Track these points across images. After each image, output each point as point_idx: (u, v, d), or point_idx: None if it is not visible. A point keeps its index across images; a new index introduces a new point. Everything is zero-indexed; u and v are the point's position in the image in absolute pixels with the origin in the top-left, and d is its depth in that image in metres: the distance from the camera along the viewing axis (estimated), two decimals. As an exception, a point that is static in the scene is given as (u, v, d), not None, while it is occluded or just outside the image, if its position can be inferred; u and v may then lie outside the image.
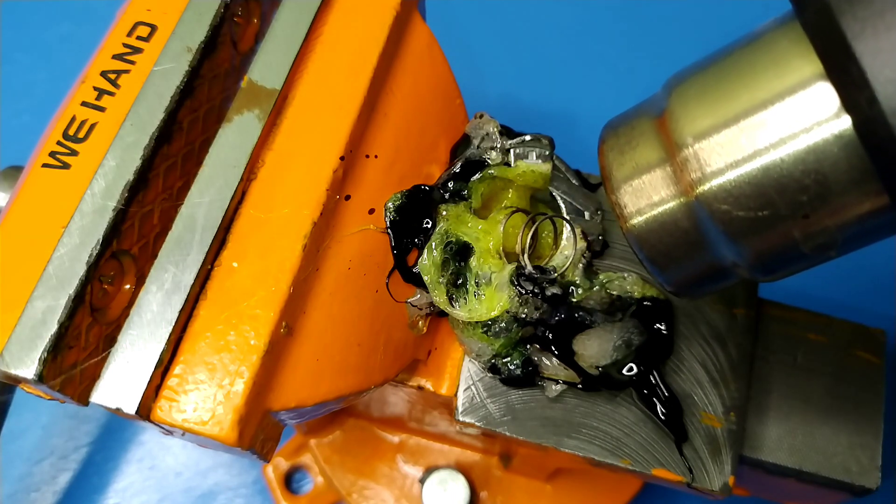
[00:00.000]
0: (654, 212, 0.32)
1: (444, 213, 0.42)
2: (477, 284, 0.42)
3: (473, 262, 0.42)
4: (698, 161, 0.29)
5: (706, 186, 0.29)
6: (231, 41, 0.39)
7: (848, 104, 0.26)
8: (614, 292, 0.44)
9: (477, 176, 0.44)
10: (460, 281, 0.42)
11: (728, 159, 0.29)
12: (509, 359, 0.43)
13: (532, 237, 0.44)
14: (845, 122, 0.26)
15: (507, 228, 0.43)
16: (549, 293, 0.42)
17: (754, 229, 0.29)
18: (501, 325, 0.42)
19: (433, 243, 0.41)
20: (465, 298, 0.42)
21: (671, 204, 0.31)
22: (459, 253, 0.42)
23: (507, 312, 0.42)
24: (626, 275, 0.45)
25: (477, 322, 0.42)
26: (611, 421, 0.43)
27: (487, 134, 0.44)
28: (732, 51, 0.31)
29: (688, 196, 0.30)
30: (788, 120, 0.27)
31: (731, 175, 0.29)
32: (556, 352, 0.43)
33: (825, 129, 0.27)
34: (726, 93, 0.29)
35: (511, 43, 0.81)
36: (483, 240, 0.42)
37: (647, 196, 0.32)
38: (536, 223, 0.43)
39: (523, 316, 0.42)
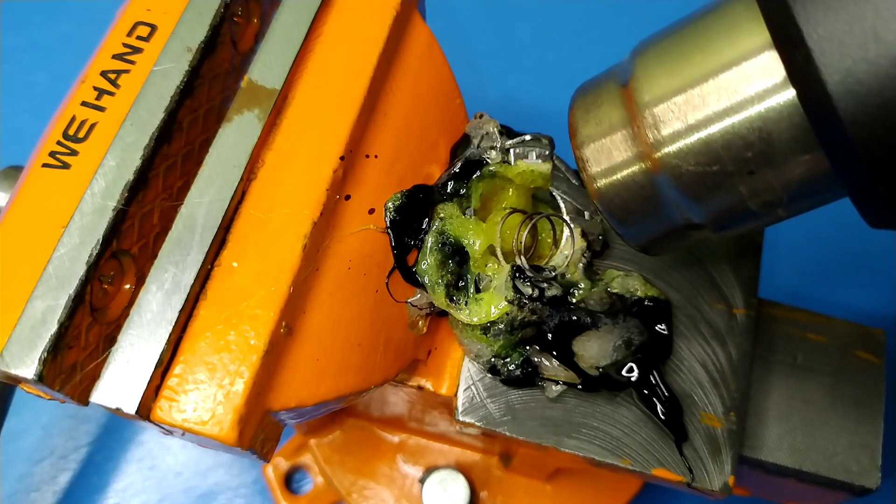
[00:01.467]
0: (616, 170, 0.34)
1: (441, 214, 0.42)
2: (476, 286, 0.42)
3: (472, 263, 0.42)
4: (656, 123, 0.31)
5: (663, 148, 0.31)
6: (231, 41, 0.39)
7: (793, 76, 0.28)
8: (615, 291, 0.44)
9: (476, 175, 0.44)
10: (460, 283, 0.42)
11: (683, 122, 0.31)
12: (509, 360, 0.43)
13: (532, 237, 0.44)
14: (790, 93, 0.28)
15: (505, 229, 0.43)
16: (549, 294, 0.42)
17: (705, 185, 0.31)
18: (500, 326, 0.42)
19: (429, 241, 0.41)
20: (464, 301, 0.42)
21: (631, 163, 0.33)
22: (457, 253, 0.42)
23: (507, 315, 0.42)
24: (626, 274, 0.45)
25: (476, 324, 0.42)
26: (611, 421, 0.43)
27: (487, 134, 0.44)
28: (694, 18, 0.32)
29: (646, 156, 0.32)
30: (738, 87, 0.29)
31: (685, 136, 0.31)
32: (555, 353, 0.43)
33: (772, 98, 0.29)
34: (683, 59, 0.31)
35: (511, 43, 0.81)
36: (482, 240, 0.42)
37: (609, 155, 0.34)
38: (533, 221, 0.43)
39: (522, 318, 0.42)
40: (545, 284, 0.42)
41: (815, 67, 0.26)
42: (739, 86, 0.29)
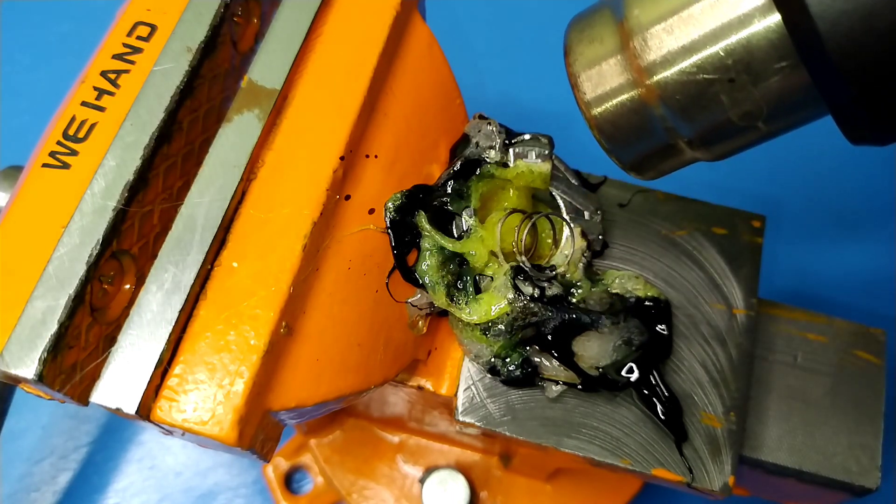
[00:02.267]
0: (610, 95, 0.35)
1: (427, 245, 0.42)
2: (476, 286, 0.42)
3: (472, 265, 0.42)
4: (647, 47, 0.33)
5: (654, 69, 0.33)
6: (231, 41, 0.39)
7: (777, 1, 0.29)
8: (615, 291, 0.44)
9: (476, 175, 0.44)
10: (459, 283, 0.42)
11: (673, 44, 0.32)
12: (508, 360, 0.43)
13: (532, 237, 0.44)
14: (774, 16, 0.30)
15: (505, 229, 0.43)
16: (549, 293, 0.42)
17: (688, 93, 0.32)
18: (500, 327, 0.42)
19: (428, 244, 0.41)
20: (464, 301, 0.42)
21: (624, 87, 0.35)
22: (457, 255, 0.42)
23: (507, 315, 0.42)
24: (626, 274, 0.45)
25: (475, 323, 0.42)
26: (611, 421, 0.43)
27: (487, 133, 0.44)
28: None
29: (639, 80, 0.34)
30: (724, 9, 0.31)
31: (676, 57, 0.32)
32: (555, 353, 0.43)
33: (756, 18, 0.30)
34: None
35: (511, 43, 0.81)
36: (480, 250, 0.42)
37: (603, 81, 0.35)
38: (532, 221, 0.43)
39: (522, 318, 0.42)
40: (545, 284, 0.42)
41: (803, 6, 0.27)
42: (726, 7, 0.31)
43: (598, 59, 0.35)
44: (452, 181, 0.43)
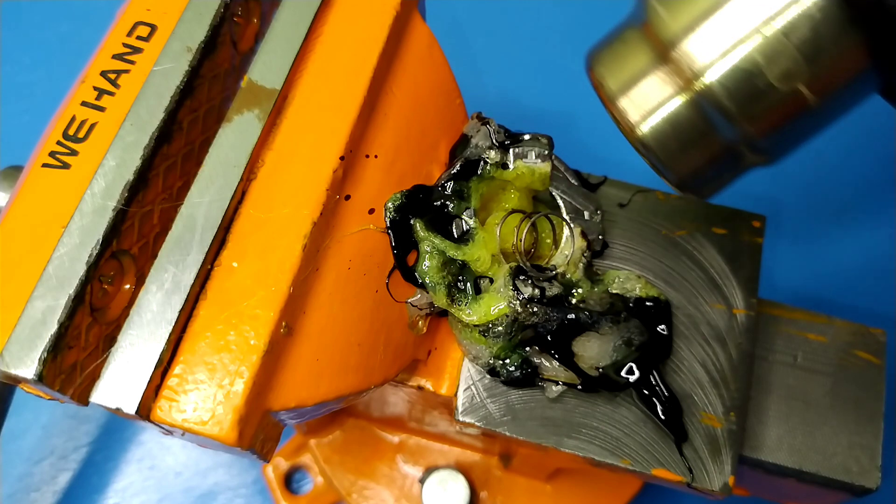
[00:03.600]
0: (658, 112, 0.33)
1: (427, 247, 0.42)
2: (477, 287, 0.42)
3: (471, 267, 0.42)
4: (692, 54, 0.31)
5: (704, 74, 0.31)
6: (231, 41, 0.39)
7: None
8: (615, 291, 0.44)
9: (476, 176, 0.44)
10: (460, 284, 0.42)
11: (719, 45, 0.31)
12: (508, 361, 0.43)
13: (532, 238, 0.44)
14: None
15: (505, 229, 0.43)
16: (549, 293, 0.42)
17: (743, 88, 0.31)
18: (499, 328, 0.42)
19: (426, 247, 0.41)
20: (464, 302, 0.42)
21: (673, 101, 0.33)
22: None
23: (506, 316, 0.42)
24: (627, 273, 0.45)
25: (475, 325, 0.42)
26: (611, 421, 0.43)
27: (486, 134, 0.44)
28: None
29: (687, 89, 0.32)
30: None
31: (724, 57, 0.31)
32: (555, 354, 0.43)
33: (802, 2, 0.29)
34: None
35: (511, 43, 0.81)
36: (482, 254, 0.42)
37: (648, 100, 0.33)
38: (532, 220, 0.43)
39: (522, 319, 0.42)
40: (545, 284, 0.42)
41: None
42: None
43: (637, 79, 0.34)
44: (452, 182, 0.43)
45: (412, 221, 0.41)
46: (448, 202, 0.43)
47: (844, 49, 0.29)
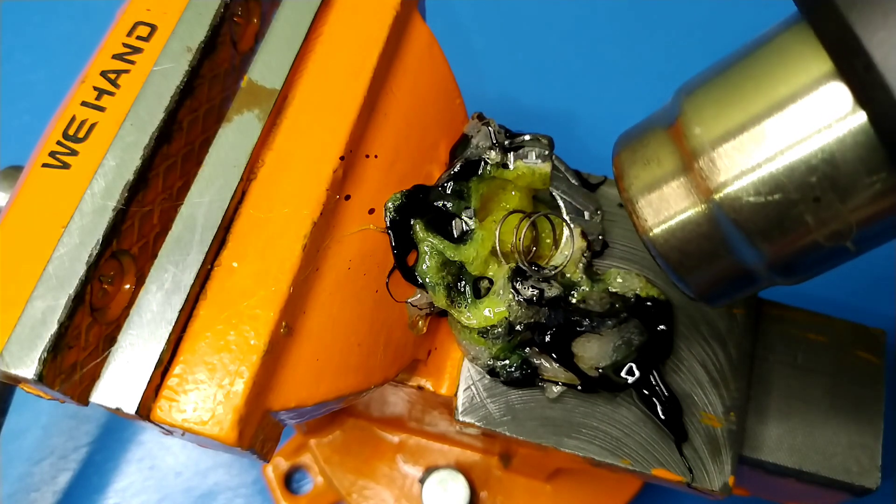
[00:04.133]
0: (675, 220, 0.32)
1: (426, 247, 0.42)
2: (476, 289, 0.42)
3: (470, 268, 0.42)
4: (716, 167, 0.30)
5: (725, 190, 0.30)
6: (231, 41, 0.39)
7: (859, 95, 0.26)
8: (616, 290, 0.44)
9: (476, 176, 0.44)
10: (459, 285, 0.42)
11: (745, 163, 0.29)
12: (507, 362, 0.43)
13: (533, 238, 0.44)
14: (859, 119, 0.27)
15: (504, 230, 0.43)
16: (549, 294, 0.42)
17: (767, 217, 0.29)
18: (499, 330, 0.42)
19: (425, 247, 0.41)
20: (464, 304, 0.42)
21: (691, 211, 0.32)
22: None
23: (506, 319, 0.42)
24: (627, 273, 0.45)
25: (474, 327, 0.42)
26: (611, 421, 0.43)
27: (486, 134, 0.44)
28: (742, 55, 0.31)
29: (707, 202, 0.31)
30: (802, 121, 0.28)
31: (747, 174, 0.29)
32: (554, 355, 0.43)
33: (839, 126, 0.27)
34: (739, 97, 0.30)
35: (511, 43, 0.81)
36: (479, 251, 0.42)
37: (666, 206, 0.32)
38: (531, 220, 0.43)
39: (521, 321, 0.42)
40: (545, 284, 0.42)
41: (877, 73, 0.25)
42: (804, 118, 0.28)
43: (658, 183, 0.32)
44: (452, 182, 0.43)
45: (412, 222, 0.41)
46: (448, 202, 0.43)
47: (881, 185, 0.27)
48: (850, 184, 0.28)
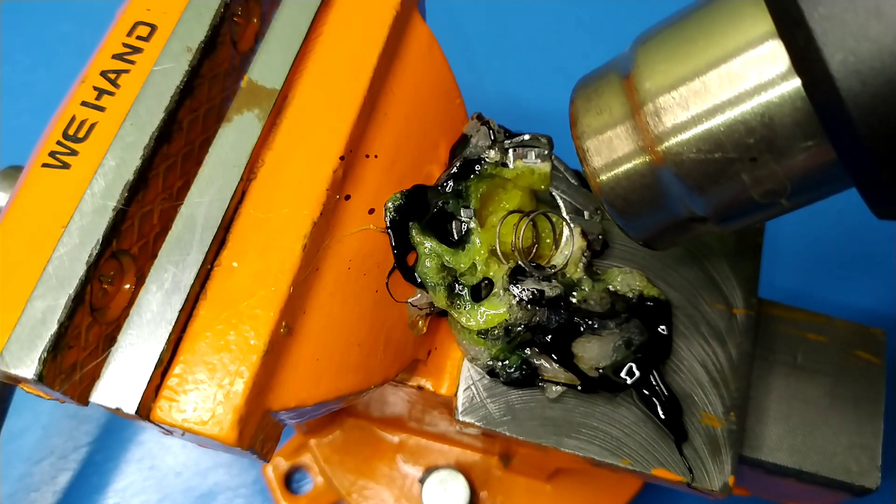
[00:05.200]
0: (621, 169, 0.34)
1: (425, 251, 0.42)
2: (476, 293, 0.42)
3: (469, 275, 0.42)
4: (661, 121, 0.31)
5: (666, 137, 0.31)
6: (231, 41, 0.39)
7: (795, 60, 0.27)
8: (616, 290, 0.44)
9: (476, 175, 0.44)
10: (458, 288, 0.42)
11: (685, 111, 0.30)
12: (507, 362, 0.43)
13: (533, 238, 0.44)
14: (795, 83, 0.28)
15: (504, 230, 0.43)
16: (550, 293, 0.42)
17: (706, 173, 0.31)
18: (499, 331, 0.42)
19: (425, 250, 0.41)
20: (464, 306, 0.42)
21: (636, 161, 0.33)
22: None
23: (506, 321, 0.42)
24: (629, 270, 0.45)
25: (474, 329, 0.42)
26: (611, 421, 0.43)
27: (486, 133, 0.44)
28: (695, 8, 0.32)
29: (649, 146, 0.32)
30: (742, 76, 0.29)
31: (688, 126, 0.30)
32: (555, 357, 0.43)
33: (777, 86, 0.28)
34: (686, 48, 0.31)
35: (511, 43, 0.81)
36: (476, 256, 0.42)
37: (614, 156, 0.34)
38: (530, 219, 0.43)
39: (521, 323, 0.42)
40: (546, 283, 0.42)
41: (816, 48, 0.25)
42: (744, 75, 0.29)
43: (607, 133, 0.34)
44: (452, 182, 0.43)
45: (410, 225, 0.41)
46: (447, 202, 0.43)
47: (809, 139, 0.28)
48: (785, 146, 0.29)
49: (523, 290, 0.41)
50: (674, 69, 0.31)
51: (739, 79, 0.29)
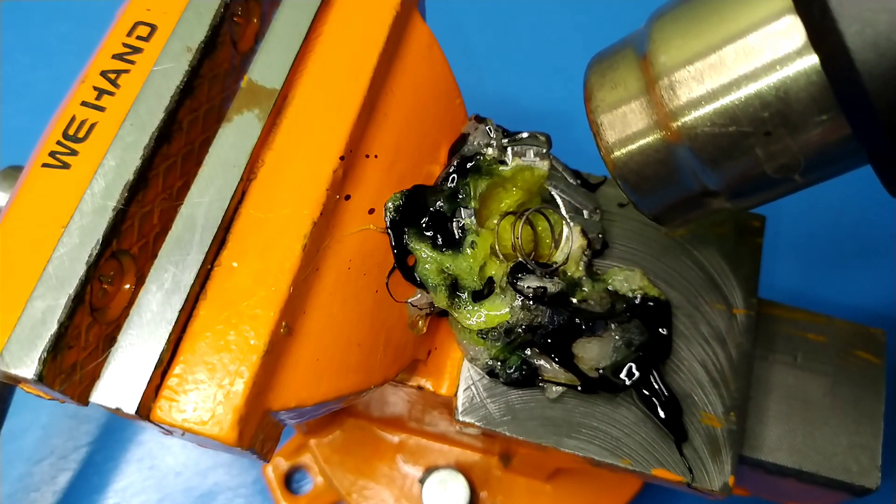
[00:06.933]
0: (635, 144, 0.34)
1: (424, 256, 0.42)
2: (475, 294, 0.42)
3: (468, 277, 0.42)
4: (675, 95, 0.31)
5: (682, 119, 0.31)
6: (231, 41, 0.39)
7: (812, 34, 0.27)
8: (617, 289, 0.44)
9: (475, 173, 0.44)
10: (458, 289, 0.42)
11: (701, 86, 0.30)
12: (507, 362, 0.43)
13: (533, 238, 0.44)
14: (811, 58, 0.28)
15: (502, 230, 0.43)
16: (552, 290, 0.42)
17: (720, 147, 0.31)
18: (499, 331, 0.42)
19: (424, 254, 0.41)
20: (464, 307, 0.42)
21: (650, 136, 0.33)
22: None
23: (507, 322, 0.42)
24: (629, 270, 0.45)
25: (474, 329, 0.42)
26: (611, 421, 0.43)
27: (484, 132, 0.44)
28: None
29: (666, 129, 0.32)
30: (758, 51, 0.29)
31: (703, 101, 0.30)
32: (555, 357, 0.43)
33: (792, 62, 0.28)
34: (702, 23, 0.31)
35: (511, 43, 0.81)
36: (476, 258, 0.42)
37: (628, 130, 0.34)
38: (526, 215, 0.43)
39: (521, 323, 0.42)
40: (548, 282, 0.42)
41: (831, 19, 0.25)
42: (760, 49, 0.29)
43: (622, 108, 0.34)
44: (450, 180, 0.43)
45: (406, 230, 0.41)
46: (445, 203, 0.43)
47: (824, 113, 0.28)
48: (800, 120, 0.29)
49: (526, 286, 0.41)
50: (689, 44, 0.31)
51: (755, 53, 0.29)
